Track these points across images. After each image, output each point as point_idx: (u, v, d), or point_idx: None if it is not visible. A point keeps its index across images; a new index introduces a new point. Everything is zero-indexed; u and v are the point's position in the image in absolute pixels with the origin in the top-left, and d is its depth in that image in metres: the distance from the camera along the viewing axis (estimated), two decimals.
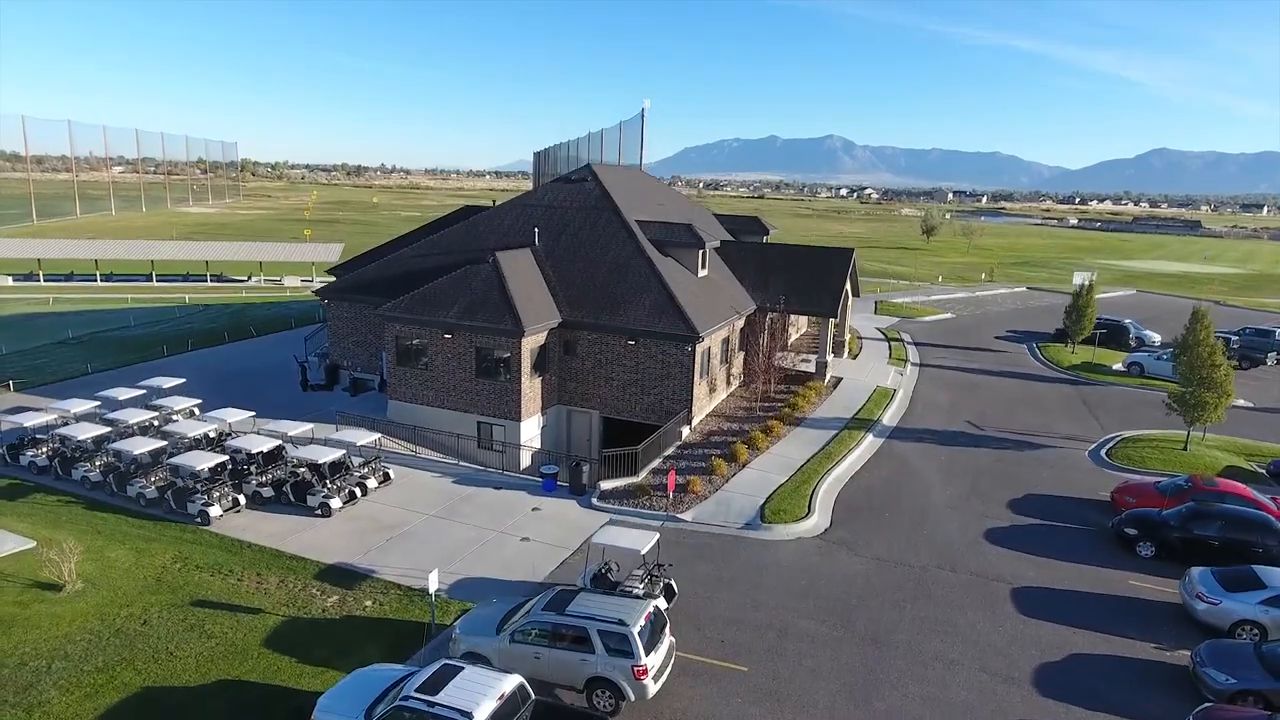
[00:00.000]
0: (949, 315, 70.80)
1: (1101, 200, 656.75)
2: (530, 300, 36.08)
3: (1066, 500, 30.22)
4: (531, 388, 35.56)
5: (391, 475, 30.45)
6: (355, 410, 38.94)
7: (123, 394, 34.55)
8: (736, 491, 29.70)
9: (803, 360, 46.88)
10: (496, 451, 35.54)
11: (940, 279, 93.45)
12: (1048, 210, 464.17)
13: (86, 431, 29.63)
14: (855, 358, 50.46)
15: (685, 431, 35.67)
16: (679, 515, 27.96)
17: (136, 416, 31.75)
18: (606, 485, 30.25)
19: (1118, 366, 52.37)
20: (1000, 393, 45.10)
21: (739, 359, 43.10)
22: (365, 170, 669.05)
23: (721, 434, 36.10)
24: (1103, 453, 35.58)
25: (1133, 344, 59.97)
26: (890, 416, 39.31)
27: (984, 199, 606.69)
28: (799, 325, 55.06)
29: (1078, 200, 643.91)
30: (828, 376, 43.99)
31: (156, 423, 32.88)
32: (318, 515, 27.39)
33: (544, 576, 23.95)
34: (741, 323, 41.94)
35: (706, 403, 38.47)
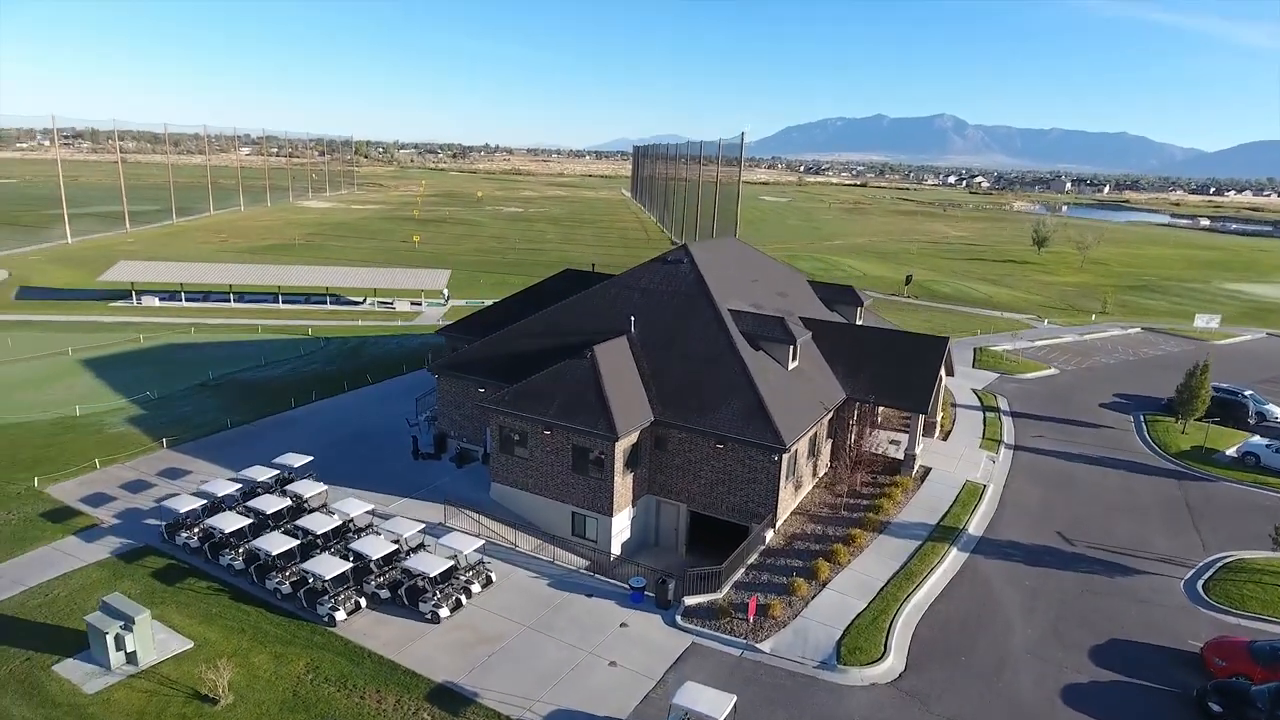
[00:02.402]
0: (1052, 371, 68.73)
1: (1240, 190, 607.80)
2: (624, 399, 37.92)
3: (1153, 650, 29.99)
4: (623, 484, 37.55)
5: (493, 577, 33.06)
6: (461, 484, 42.05)
7: (260, 474, 38.56)
8: (815, 619, 30.87)
9: (891, 442, 47.15)
10: (590, 542, 37.86)
11: (1046, 321, 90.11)
12: (1178, 204, 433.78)
13: (230, 524, 33.44)
14: (947, 437, 50.20)
15: (769, 535, 36.94)
16: (758, 645, 29.40)
17: (273, 505, 35.57)
18: (690, 601, 31.95)
19: (1231, 453, 50.20)
20: (1097, 491, 44.17)
21: (826, 447, 43.84)
22: (470, 151, 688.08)
23: (805, 537, 37.20)
24: (1199, 585, 34.75)
25: (1251, 420, 57.14)
26: (977, 524, 39.35)
27: (1105, 189, 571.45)
28: None
29: (1213, 190, 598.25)
30: (915, 467, 44.17)
31: (291, 504, 36.64)
32: (428, 621, 30.28)
33: (629, 713, 25.94)
34: (830, 415, 42.59)
35: (791, 501, 39.56)
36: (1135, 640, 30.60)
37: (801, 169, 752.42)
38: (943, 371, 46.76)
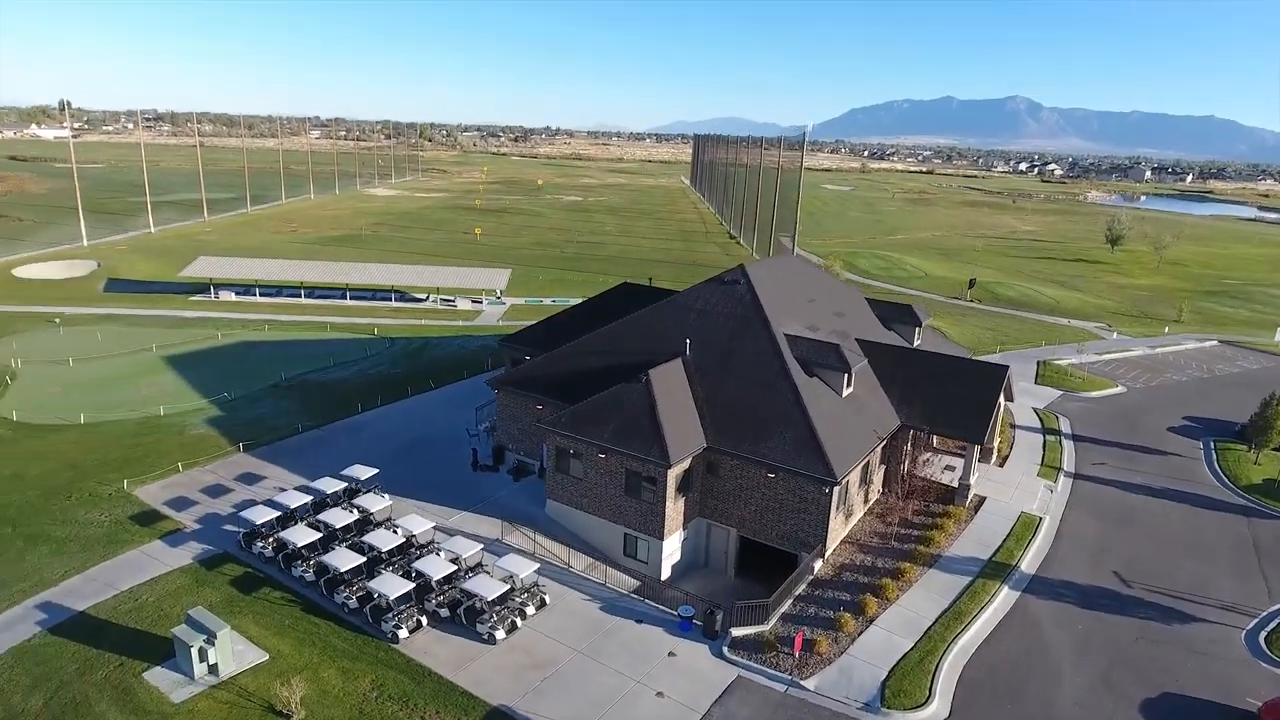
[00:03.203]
0: (1119, 390, 66.85)
1: None
2: (678, 426, 38.59)
3: (1209, 708, 29.54)
4: (675, 508, 38.32)
5: (547, 599, 34.28)
6: (518, 498, 43.51)
7: (329, 486, 40.56)
8: (860, 657, 31.26)
9: (947, 468, 46.84)
10: (641, 563, 38.84)
11: (1115, 333, 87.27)
12: (1266, 195, 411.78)
13: (302, 537, 35.47)
14: (1004, 463, 49.53)
15: (818, 565, 37.32)
16: (802, 682, 29.97)
17: (341, 519, 37.48)
18: (737, 633, 32.64)
19: None
20: (1158, 527, 43.19)
21: (879, 474, 43.83)
22: (531, 134, 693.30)
23: (854, 569, 37.47)
24: (1261, 638, 33.89)
25: None
26: (1030, 560, 38.96)
27: (1189, 177, 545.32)
28: None
29: None
30: (970, 496, 43.84)
31: (358, 517, 38.50)
32: (485, 642, 31.70)
33: None
34: (884, 444, 42.50)
35: (842, 529, 39.80)
36: (1189, 695, 30.17)
37: (865, 154, 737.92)
38: (1002, 398, 46.19)
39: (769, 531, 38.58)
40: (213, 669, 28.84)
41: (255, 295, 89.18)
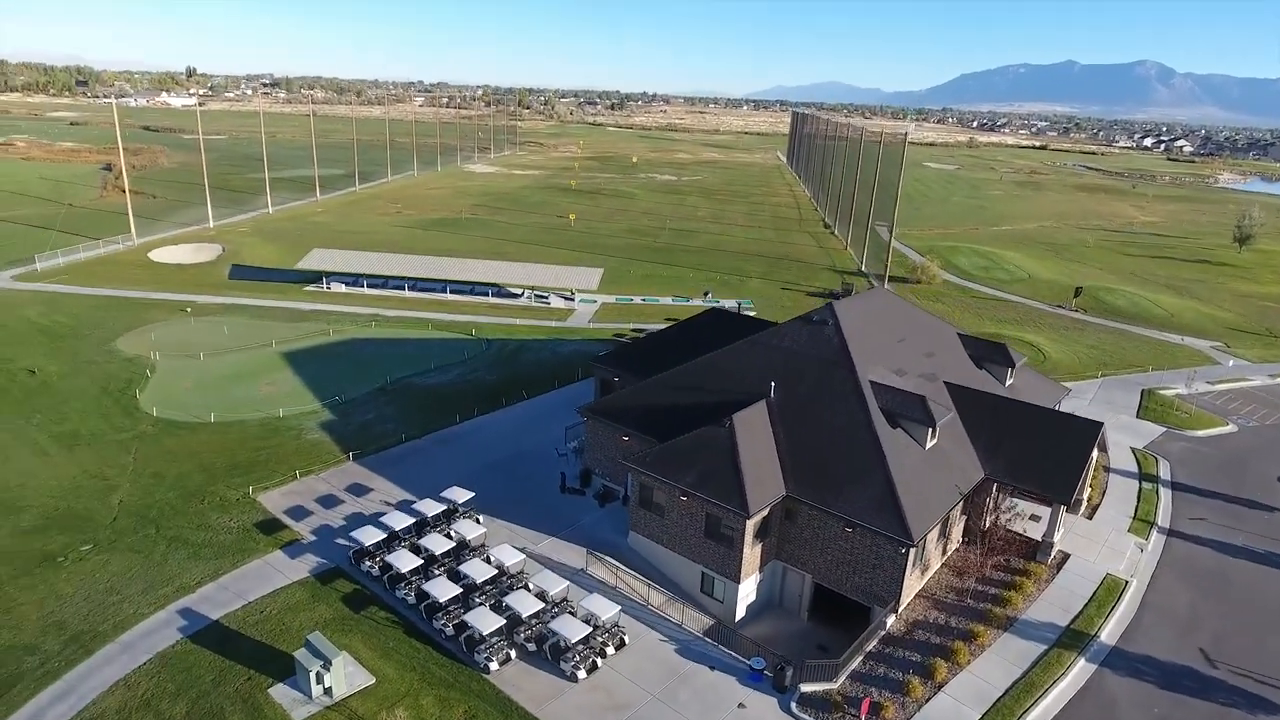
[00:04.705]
0: (1230, 428, 63.69)
1: None
2: (758, 473, 39.74)
3: None
4: (752, 553, 39.67)
5: (626, 639, 36.39)
6: (602, 525, 45.82)
7: (430, 508, 43.77)
8: None
9: (1032, 517, 46.33)
10: (717, 601, 40.50)
11: (1231, 361, 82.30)
12: None
13: (405, 563, 38.69)
14: (1093, 514, 48.49)
15: (890, 621, 38.07)
16: None
17: (440, 545, 40.59)
18: (806, 688, 33.96)
19: None
20: (1255, 597, 41.77)
21: (959, 525, 43.88)
22: (628, 101, 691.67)
23: (926, 626, 38.04)
24: None
25: None
26: (1111, 630, 38.51)
27: None
28: None
29: None
30: (1053, 554, 43.39)
31: (454, 544, 41.49)
32: (567, 679, 34.12)
33: None
34: (965, 495, 42.47)
35: (917, 583, 40.31)
36: None
37: (975, 124, 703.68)
38: (1095, 451, 45.20)
39: (843, 582, 39.48)
40: (327, 691, 32.23)
41: (363, 287, 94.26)
